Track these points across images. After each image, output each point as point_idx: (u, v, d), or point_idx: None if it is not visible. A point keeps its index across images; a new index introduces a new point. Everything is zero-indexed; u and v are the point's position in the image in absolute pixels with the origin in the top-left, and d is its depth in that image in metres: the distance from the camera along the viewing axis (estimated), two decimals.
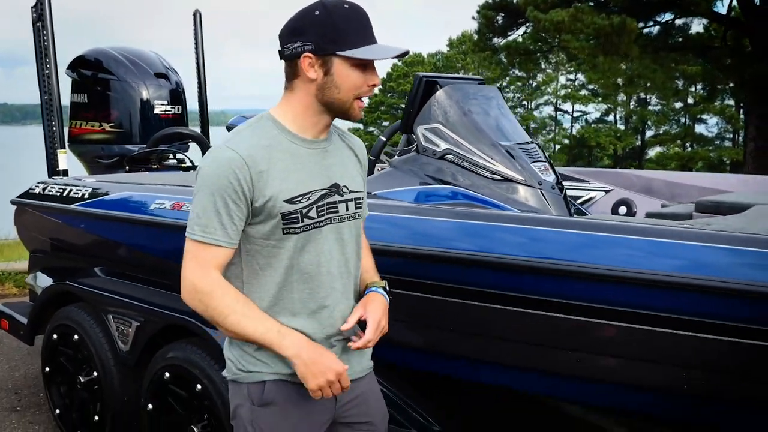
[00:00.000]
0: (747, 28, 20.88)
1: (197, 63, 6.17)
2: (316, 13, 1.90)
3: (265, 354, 2.02)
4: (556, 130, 56.79)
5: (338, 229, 2.05)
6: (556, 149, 55.73)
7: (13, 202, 4.63)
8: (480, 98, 3.31)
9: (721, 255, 2.16)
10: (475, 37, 27.39)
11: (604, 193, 4.65)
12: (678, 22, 24.68)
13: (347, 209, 2.06)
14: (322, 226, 2.00)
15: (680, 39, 24.49)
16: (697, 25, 25.70)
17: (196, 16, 6.09)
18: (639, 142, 51.46)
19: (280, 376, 2.02)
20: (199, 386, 3.22)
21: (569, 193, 4.80)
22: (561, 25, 20.73)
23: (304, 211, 1.95)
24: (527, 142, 3.32)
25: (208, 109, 6.42)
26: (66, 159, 5.07)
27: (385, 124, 57.14)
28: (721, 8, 27.73)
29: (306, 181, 1.97)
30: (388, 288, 2.18)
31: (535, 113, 57.03)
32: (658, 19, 23.82)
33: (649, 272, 2.20)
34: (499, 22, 25.56)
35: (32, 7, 4.97)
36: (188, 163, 5.52)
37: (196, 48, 6.14)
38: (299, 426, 2.07)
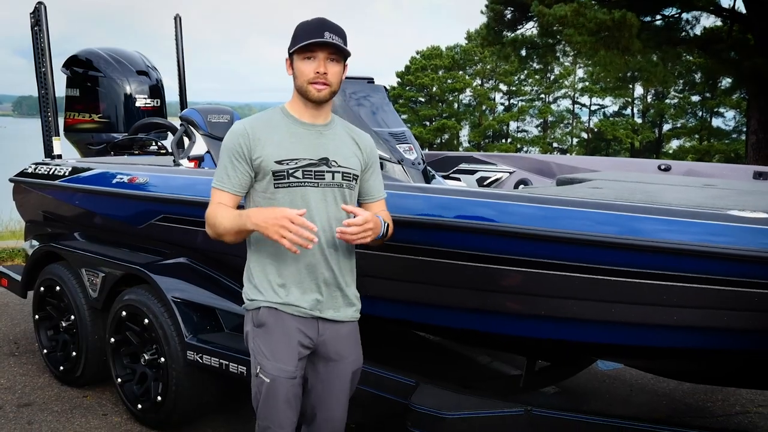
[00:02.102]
0: (749, 22, 21.28)
1: (178, 62, 6.99)
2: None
3: (261, 286, 2.67)
4: (574, 124, 56.93)
5: (323, 193, 2.63)
6: (574, 142, 56.01)
7: (11, 180, 5.54)
8: (364, 94, 4.15)
9: (510, 207, 2.96)
10: (485, 31, 27.65)
11: (508, 174, 5.44)
12: (687, 16, 25.12)
13: (333, 178, 2.65)
14: (306, 186, 2.60)
15: (683, 33, 24.72)
16: (706, 19, 26.02)
17: (177, 20, 6.93)
18: (657, 136, 51.50)
19: (270, 304, 2.65)
20: (146, 320, 4.09)
21: (483, 174, 5.64)
22: (564, 19, 21.15)
23: (290, 171, 2.59)
24: (399, 130, 4.14)
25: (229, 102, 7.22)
26: (60, 145, 5.94)
27: (404, 117, 57.80)
28: (727, 2, 28.12)
29: (296, 150, 2.61)
30: (388, 228, 2.71)
31: (553, 106, 57.20)
32: (666, 14, 24.21)
33: (466, 222, 2.98)
34: (508, 16, 26.09)
35: (30, 14, 5.83)
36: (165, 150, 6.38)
37: (177, 49, 6.96)
38: (282, 343, 2.64)
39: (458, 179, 5.59)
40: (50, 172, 5.05)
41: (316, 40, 2.54)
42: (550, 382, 4.05)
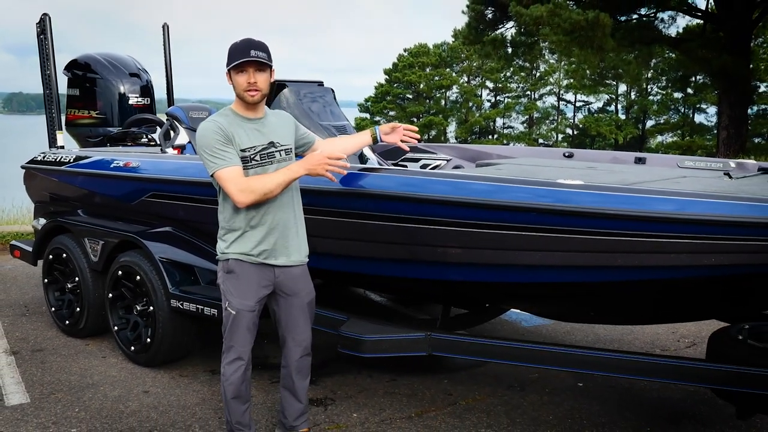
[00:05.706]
0: (720, 21, 22.24)
1: (165, 65, 7.94)
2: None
3: (231, 242, 3.49)
4: (559, 120, 57.85)
5: (277, 168, 3.45)
6: (559, 138, 56.98)
7: (22, 167, 6.49)
8: (313, 95, 5.13)
9: (425, 182, 3.87)
10: (466, 30, 28.38)
11: (446, 161, 6.42)
12: (663, 15, 26.06)
13: (282, 156, 3.52)
14: (265, 165, 3.44)
15: (656, 32, 25.54)
16: (682, 19, 26.89)
17: (165, 28, 7.88)
18: (640, 132, 52.36)
19: (238, 256, 3.50)
20: (138, 277, 5.06)
21: (425, 162, 6.61)
22: (540, 19, 22.06)
23: (251, 156, 3.42)
24: (341, 123, 5.11)
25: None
26: (63, 138, 6.90)
27: (392, 114, 58.65)
28: (703, 2, 29.06)
29: (251, 140, 3.42)
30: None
31: (539, 103, 58.11)
32: (642, 13, 25.11)
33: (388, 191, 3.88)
34: (489, 16, 27.00)
35: (37, 24, 6.77)
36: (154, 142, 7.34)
37: (165, 54, 7.88)
38: (248, 286, 3.51)
39: (405, 166, 6.57)
40: (57, 159, 6.01)
41: (246, 59, 3.35)
42: (462, 327, 5.01)
